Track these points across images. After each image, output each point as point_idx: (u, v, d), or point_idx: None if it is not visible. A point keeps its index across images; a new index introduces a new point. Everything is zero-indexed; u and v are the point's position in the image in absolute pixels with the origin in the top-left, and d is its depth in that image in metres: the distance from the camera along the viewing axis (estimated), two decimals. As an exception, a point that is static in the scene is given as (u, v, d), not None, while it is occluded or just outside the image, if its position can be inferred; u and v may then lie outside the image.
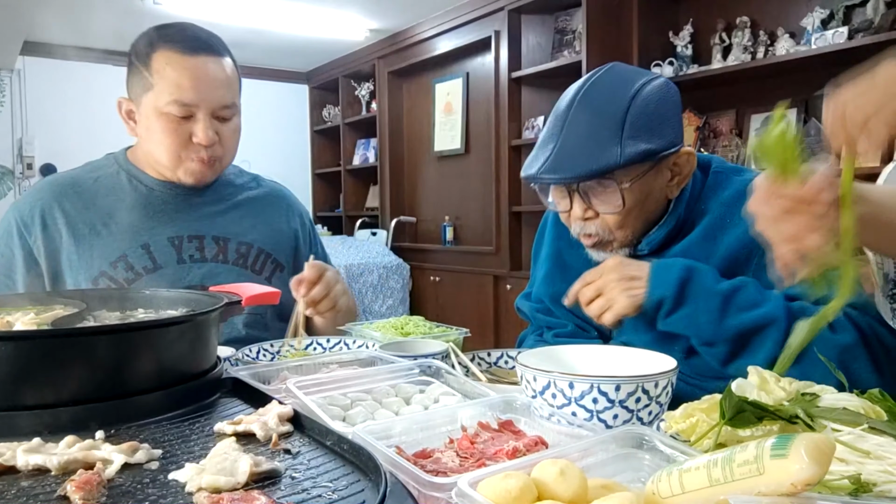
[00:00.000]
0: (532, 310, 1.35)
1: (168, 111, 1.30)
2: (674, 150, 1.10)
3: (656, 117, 1.08)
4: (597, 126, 1.07)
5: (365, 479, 0.56)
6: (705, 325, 1.01)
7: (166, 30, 1.35)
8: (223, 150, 1.39)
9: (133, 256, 1.34)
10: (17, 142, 4.98)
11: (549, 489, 0.52)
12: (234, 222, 1.45)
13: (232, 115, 1.38)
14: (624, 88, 1.09)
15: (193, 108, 1.31)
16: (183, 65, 1.30)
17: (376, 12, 4.45)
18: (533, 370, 0.80)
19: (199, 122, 1.32)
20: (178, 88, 1.29)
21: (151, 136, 1.34)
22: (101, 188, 1.39)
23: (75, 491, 0.51)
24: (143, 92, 1.33)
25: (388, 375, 0.92)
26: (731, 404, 0.65)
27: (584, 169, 1.05)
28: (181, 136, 1.33)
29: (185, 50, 1.31)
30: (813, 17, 2.79)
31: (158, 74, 1.31)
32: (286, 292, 1.45)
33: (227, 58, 1.38)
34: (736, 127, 3.20)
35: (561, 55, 3.79)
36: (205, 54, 1.33)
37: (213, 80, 1.32)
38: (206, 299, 0.90)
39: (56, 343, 0.67)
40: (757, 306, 0.99)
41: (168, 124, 1.32)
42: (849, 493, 0.53)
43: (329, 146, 6.13)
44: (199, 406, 0.75)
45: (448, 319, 2.16)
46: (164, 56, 1.31)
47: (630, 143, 1.05)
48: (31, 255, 1.34)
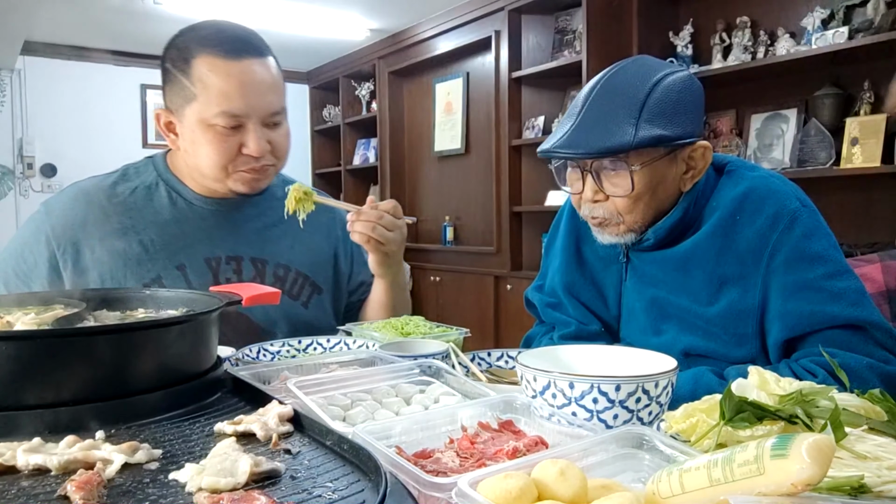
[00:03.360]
0: (542, 303, 1.34)
1: (216, 123, 1.21)
2: (689, 141, 1.10)
3: (674, 106, 1.08)
4: (615, 107, 1.08)
5: (365, 479, 0.56)
6: None
7: (202, 31, 1.26)
8: (276, 158, 1.31)
9: (168, 278, 1.27)
10: (17, 142, 4.98)
11: (550, 489, 0.52)
12: (273, 242, 1.38)
13: (282, 119, 1.30)
14: (647, 76, 1.10)
15: (243, 119, 1.22)
16: (228, 71, 1.20)
17: (376, 12, 4.45)
18: (533, 370, 0.80)
19: (249, 132, 1.23)
20: (225, 98, 1.20)
21: (198, 149, 1.25)
22: (138, 200, 1.31)
23: (75, 491, 0.51)
24: (185, 103, 1.23)
25: (388, 375, 0.92)
26: (731, 404, 0.65)
27: (597, 146, 1.06)
28: (231, 149, 1.24)
29: (228, 54, 1.21)
30: (813, 17, 2.79)
31: (201, 83, 1.21)
32: (322, 317, 1.42)
33: (271, 58, 1.28)
34: (736, 127, 3.19)
35: (561, 55, 3.79)
36: (249, 57, 1.23)
37: (260, 85, 1.23)
38: (206, 299, 0.90)
39: (56, 343, 0.67)
40: None
41: (216, 137, 1.22)
42: (849, 494, 0.53)
43: (329, 146, 6.13)
44: (199, 406, 0.75)
45: (448, 319, 2.16)
46: (205, 62, 1.21)
47: (645, 127, 1.05)
48: (56, 269, 1.27)
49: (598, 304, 1.26)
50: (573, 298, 1.26)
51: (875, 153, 2.61)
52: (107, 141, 5.09)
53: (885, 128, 2.61)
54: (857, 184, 2.74)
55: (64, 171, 4.95)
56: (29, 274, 1.28)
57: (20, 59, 4.89)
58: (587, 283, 1.26)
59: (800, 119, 2.95)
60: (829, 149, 2.79)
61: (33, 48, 4.86)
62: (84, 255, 1.26)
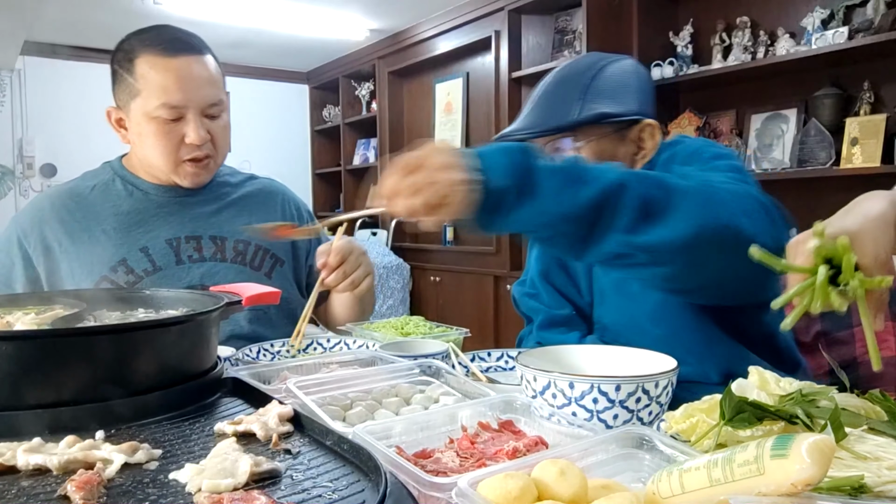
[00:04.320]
0: (521, 294, 1.38)
1: (158, 115, 1.31)
2: (634, 118, 1.16)
3: (619, 86, 1.17)
4: (564, 91, 1.17)
5: (365, 479, 0.56)
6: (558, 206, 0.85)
7: (144, 34, 1.36)
8: (215, 148, 1.40)
9: (133, 260, 1.35)
10: (17, 142, 4.98)
11: (550, 489, 0.52)
12: (230, 221, 1.46)
13: (220, 112, 1.38)
14: (594, 63, 1.19)
15: (182, 110, 1.32)
16: (166, 66, 1.30)
17: (376, 12, 4.45)
18: (533, 370, 0.80)
19: (189, 122, 1.33)
20: (164, 91, 1.30)
21: (144, 141, 1.35)
22: (97, 196, 1.41)
23: (75, 491, 0.51)
24: (130, 99, 1.34)
25: (388, 375, 0.92)
26: (731, 404, 0.65)
27: (546, 125, 1.15)
28: (173, 139, 1.33)
29: (166, 52, 1.31)
30: (813, 17, 2.79)
31: (143, 79, 1.31)
32: (288, 287, 1.48)
33: (209, 55, 1.38)
34: (736, 127, 3.19)
35: (561, 55, 3.79)
36: (186, 54, 1.33)
37: (198, 79, 1.33)
38: (206, 299, 0.90)
39: (56, 343, 0.68)
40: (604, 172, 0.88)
41: (159, 128, 1.32)
42: (849, 494, 0.53)
43: (329, 146, 6.13)
44: (199, 406, 0.75)
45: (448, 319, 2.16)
46: (146, 60, 1.31)
47: (589, 106, 1.14)
48: (31, 265, 1.36)
49: (572, 289, 1.29)
50: (548, 285, 1.30)
51: (875, 153, 2.61)
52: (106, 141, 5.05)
53: (884, 128, 2.61)
54: (857, 184, 2.74)
55: (64, 171, 4.94)
56: (9, 275, 1.37)
57: (20, 59, 4.88)
58: (560, 269, 1.29)
59: (800, 119, 2.95)
60: (829, 149, 2.79)
61: (33, 48, 4.85)
62: (53, 250, 1.36)
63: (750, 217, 0.90)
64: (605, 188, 0.84)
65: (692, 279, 0.94)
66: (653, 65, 3.26)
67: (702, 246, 0.86)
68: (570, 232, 0.85)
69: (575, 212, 0.83)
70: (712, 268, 0.91)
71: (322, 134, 6.13)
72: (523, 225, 0.86)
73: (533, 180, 0.83)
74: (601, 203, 0.84)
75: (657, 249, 0.85)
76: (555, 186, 0.83)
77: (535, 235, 0.92)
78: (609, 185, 0.84)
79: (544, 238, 0.90)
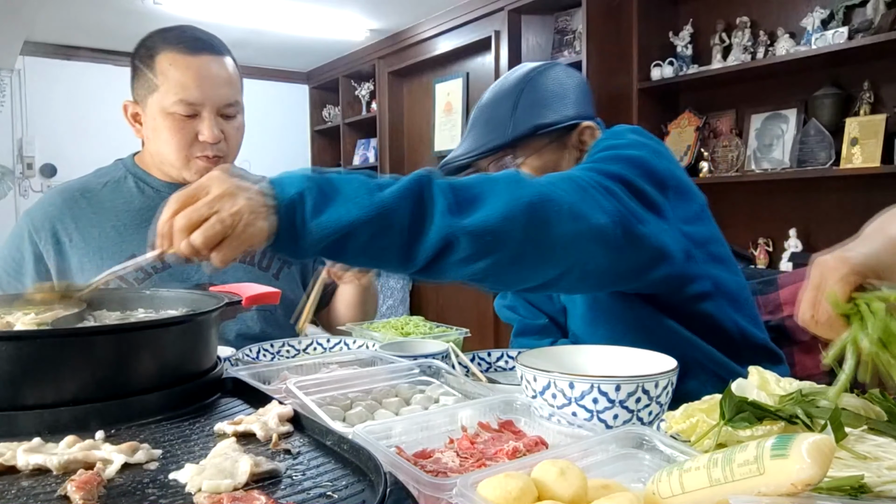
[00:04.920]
0: (500, 306, 1.41)
1: (174, 111, 1.33)
2: (571, 124, 1.15)
3: (551, 95, 1.15)
4: (495, 110, 1.17)
5: (365, 480, 0.56)
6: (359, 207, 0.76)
7: (168, 32, 1.38)
8: (228, 148, 1.41)
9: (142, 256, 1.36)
10: (17, 142, 4.97)
11: (550, 489, 0.52)
12: None
13: (236, 112, 1.40)
14: (522, 77, 1.18)
15: (199, 107, 1.34)
16: (186, 64, 1.33)
17: (376, 12, 4.45)
18: (533, 370, 0.80)
19: (204, 120, 1.34)
20: (183, 88, 1.32)
21: (158, 136, 1.37)
22: (109, 193, 1.42)
23: (75, 491, 0.51)
24: (149, 94, 1.36)
25: (388, 375, 0.92)
26: (731, 404, 0.65)
27: (484, 147, 1.14)
28: (188, 135, 1.35)
29: (187, 50, 1.34)
30: (813, 17, 2.79)
31: (163, 75, 1.33)
32: (295, 288, 1.48)
33: (228, 57, 1.41)
34: (736, 127, 3.19)
35: (561, 55, 3.79)
36: (207, 54, 1.35)
37: (216, 78, 1.35)
38: (206, 299, 0.90)
39: (56, 343, 0.67)
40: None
41: (174, 123, 1.34)
42: (849, 494, 0.53)
43: (329, 146, 6.13)
44: (199, 406, 0.75)
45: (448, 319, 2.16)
46: (167, 57, 1.33)
47: (522, 120, 1.13)
48: (41, 259, 1.38)
49: (543, 299, 1.31)
50: (520, 298, 1.33)
51: (875, 153, 2.61)
52: (106, 141, 5.07)
53: (884, 128, 2.61)
54: (857, 184, 2.74)
55: (64, 171, 4.93)
56: (19, 270, 1.39)
57: (20, 59, 4.88)
58: None
59: (799, 119, 2.95)
60: (829, 149, 2.79)
61: (33, 48, 4.85)
62: (63, 244, 1.38)
63: (565, 194, 0.85)
64: (409, 181, 0.78)
65: (533, 268, 0.86)
66: (653, 65, 3.26)
67: (517, 227, 0.80)
68: (385, 230, 0.76)
69: (380, 209, 0.74)
70: (544, 252, 0.84)
71: (322, 134, 6.13)
72: (329, 234, 0.73)
73: (331, 186, 0.75)
74: (409, 193, 0.77)
75: (480, 233, 0.78)
76: (354, 188, 0.76)
77: (351, 249, 0.76)
78: (412, 178, 0.79)
79: (363, 248, 0.76)
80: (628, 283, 1.02)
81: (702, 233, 1.09)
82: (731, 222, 3.16)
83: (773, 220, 3.07)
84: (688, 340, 1.07)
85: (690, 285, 1.06)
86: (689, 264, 1.04)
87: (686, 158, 3.24)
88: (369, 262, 0.80)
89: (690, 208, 1.08)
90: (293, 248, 0.75)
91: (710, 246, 1.10)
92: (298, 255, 0.76)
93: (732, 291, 1.12)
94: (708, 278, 1.07)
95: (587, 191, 0.89)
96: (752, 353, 1.11)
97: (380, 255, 0.78)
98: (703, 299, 1.08)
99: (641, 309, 1.08)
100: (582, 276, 0.91)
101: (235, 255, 0.72)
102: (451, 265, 0.80)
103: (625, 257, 0.91)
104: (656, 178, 1.01)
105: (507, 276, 0.86)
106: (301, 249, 0.75)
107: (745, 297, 1.15)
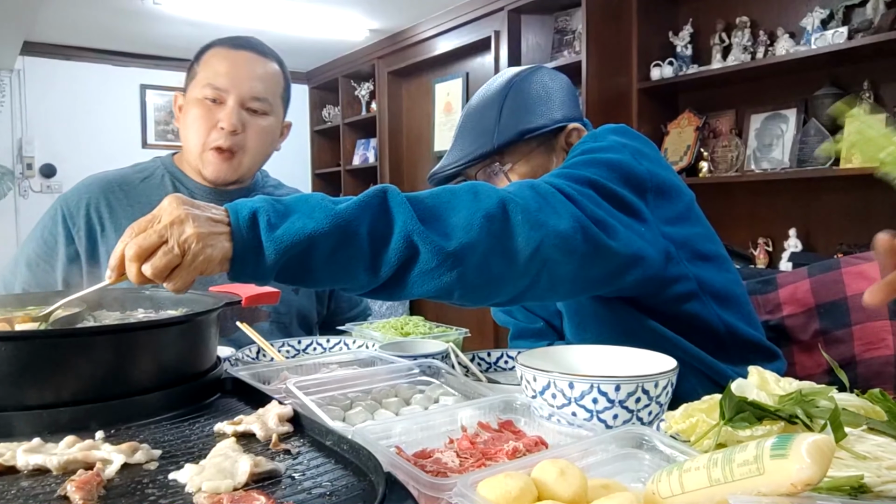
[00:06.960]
0: (496, 311, 1.42)
1: (202, 95, 1.35)
2: (557, 127, 1.15)
3: (535, 99, 1.15)
4: (480, 117, 1.17)
5: (365, 480, 0.56)
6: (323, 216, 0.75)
7: (229, 36, 1.44)
8: (246, 143, 1.39)
9: None
10: (17, 142, 4.97)
11: (549, 489, 0.52)
12: None
13: (263, 110, 1.40)
14: (504, 84, 1.18)
15: (224, 94, 1.35)
16: (226, 55, 1.38)
17: (376, 12, 4.45)
18: (533, 370, 0.80)
19: (227, 108, 1.35)
20: (214, 74, 1.36)
21: (185, 123, 1.39)
22: (146, 188, 1.43)
23: (75, 491, 0.51)
24: (190, 83, 1.40)
25: (387, 375, 0.92)
26: (731, 404, 0.65)
27: (471, 155, 1.15)
28: (209, 122, 1.36)
29: (232, 45, 1.39)
30: (813, 17, 2.79)
31: (204, 65, 1.39)
32: (308, 295, 1.50)
33: (274, 62, 1.43)
34: (736, 127, 3.19)
35: (561, 55, 3.79)
36: (249, 51, 1.39)
37: (248, 70, 1.37)
38: (206, 299, 0.90)
39: (56, 343, 0.68)
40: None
41: (200, 109, 1.36)
42: (849, 494, 0.53)
43: (329, 146, 6.13)
44: (199, 406, 0.75)
45: (448, 319, 2.16)
46: (213, 51, 1.40)
47: (506, 127, 1.13)
48: (73, 244, 1.38)
49: (538, 303, 1.31)
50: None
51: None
52: (106, 141, 5.08)
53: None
54: (857, 184, 2.74)
55: (63, 172, 4.94)
56: (50, 253, 1.39)
57: (20, 59, 4.88)
58: None
59: (799, 119, 2.95)
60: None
61: (33, 48, 4.85)
62: (95, 232, 1.38)
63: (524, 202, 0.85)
64: (366, 194, 0.78)
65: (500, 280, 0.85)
66: (652, 65, 3.26)
67: (479, 240, 0.80)
68: (348, 240, 0.74)
69: (338, 220, 0.74)
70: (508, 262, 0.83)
71: (322, 134, 6.13)
72: (288, 247, 0.72)
73: (284, 205, 0.74)
74: (368, 205, 0.77)
75: (441, 247, 0.78)
76: (310, 205, 0.75)
77: (314, 263, 0.75)
78: (369, 192, 0.78)
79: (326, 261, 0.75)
80: (601, 288, 1.00)
81: (686, 232, 1.07)
82: (731, 222, 3.16)
83: (772, 220, 3.07)
84: (672, 341, 1.05)
85: (672, 286, 1.04)
86: (669, 266, 1.02)
87: (686, 158, 3.24)
88: (333, 277, 0.77)
89: (674, 208, 1.06)
90: (253, 270, 0.73)
91: (695, 244, 1.08)
92: (259, 276, 0.74)
93: (720, 289, 1.09)
94: (692, 278, 1.06)
95: (547, 198, 0.88)
96: (743, 350, 1.09)
97: (345, 268, 0.76)
98: (688, 299, 1.06)
99: (624, 312, 1.07)
100: (551, 284, 0.90)
101: (188, 282, 0.71)
102: (418, 277, 0.78)
103: (591, 263, 0.90)
104: (634, 181, 1.00)
105: (475, 289, 0.84)
106: (261, 270, 0.73)
107: (735, 294, 1.12)
